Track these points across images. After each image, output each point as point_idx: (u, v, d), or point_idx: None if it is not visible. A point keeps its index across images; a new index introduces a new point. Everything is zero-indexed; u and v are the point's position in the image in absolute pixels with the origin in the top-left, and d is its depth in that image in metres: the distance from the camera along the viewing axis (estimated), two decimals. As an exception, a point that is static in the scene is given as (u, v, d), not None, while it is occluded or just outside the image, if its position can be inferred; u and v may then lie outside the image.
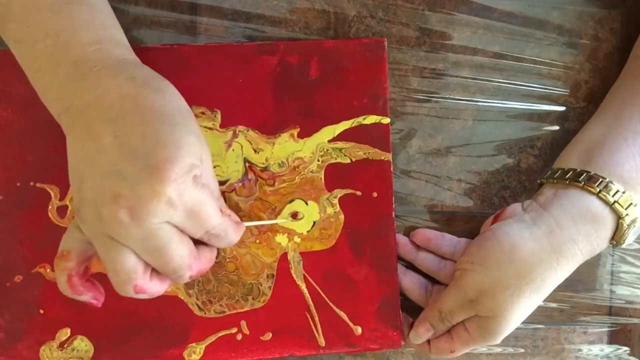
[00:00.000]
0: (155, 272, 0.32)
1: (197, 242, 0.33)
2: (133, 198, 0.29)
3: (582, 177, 0.39)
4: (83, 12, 0.33)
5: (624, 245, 0.40)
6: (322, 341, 0.42)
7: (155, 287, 0.32)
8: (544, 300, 0.39)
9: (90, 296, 0.34)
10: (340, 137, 0.42)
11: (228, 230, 0.34)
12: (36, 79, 0.33)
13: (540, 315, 0.46)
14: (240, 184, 0.42)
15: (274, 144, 0.42)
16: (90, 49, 0.32)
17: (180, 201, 0.30)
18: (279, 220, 0.42)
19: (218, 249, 0.37)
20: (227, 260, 0.42)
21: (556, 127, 0.46)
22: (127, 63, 0.33)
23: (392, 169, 0.43)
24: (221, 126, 0.41)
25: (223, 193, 0.41)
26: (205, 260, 0.34)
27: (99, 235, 0.30)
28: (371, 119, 0.42)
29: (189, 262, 0.32)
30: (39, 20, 0.32)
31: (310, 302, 0.42)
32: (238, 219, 0.36)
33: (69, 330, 0.41)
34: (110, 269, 0.31)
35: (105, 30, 0.34)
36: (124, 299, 0.32)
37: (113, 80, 0.31)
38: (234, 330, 0.42)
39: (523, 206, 0.41)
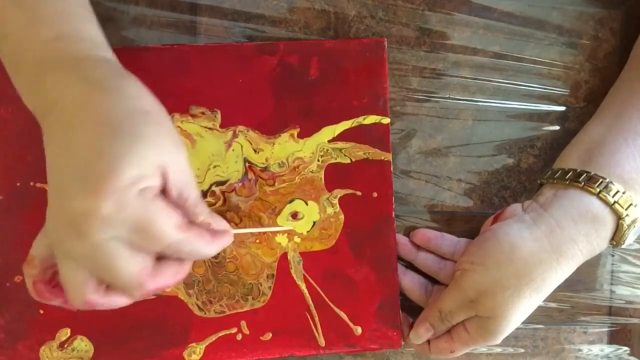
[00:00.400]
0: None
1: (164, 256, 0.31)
2: (72, 213, 0.27)
3: (582, 177, 0.39)
4: (48, 5, 0.32)
5: (624, 246, 0.39)
6: (322, 341, 0.42)
7: (113, 301, 0.30)
8: (544, 300, 0.39)
9: (60, 301, 0.32)
10: (340, 137, 0.42)
11: (195, 244, 0.30)
12: (10, 75, 0.33)
13: (540, 315, 0.46)
14: (240, 184, 0.42)
15: (274, 144, 0.42)
16: (50, 46, 0.31)
17: (120, 216, 0.27)
18: (272, 229, 0.41)
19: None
20: (227, 260, 0.42)
21: (556, 127, 0.46)
22: (85, 61, 0.31)
23: (392, 169, 0.43)
24: (221, 126, 0.41)
25: (223, 193, 0.41)
26: (167, 276, 0.30)
27: (55, 243, 0.30)
28: (371, 119, 0.42)
29: (140, 280, 0.29)
30: (3, 16, 0.31)
31: (310, 302, 0.42)
32: (223, 227, 0.33)
33: (69, 330, 0.41)
34: (63, 282, 0.30)
35: (69, 23, 0.32)
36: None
37: (66, 82, 0.30)
38: (234, 330, 0.42)
39: (523, 206, 0.41)
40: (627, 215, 0.38)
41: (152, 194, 0.29)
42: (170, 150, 0.29)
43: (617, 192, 0.38)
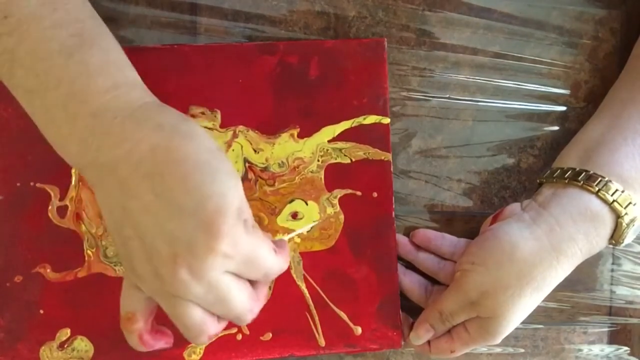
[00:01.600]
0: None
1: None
2: (190, 256, 0.28)
3: (582, 176, 0.39)
4: (95, 55, 0.31)
5: (623, 245, 0.39)
6: (322, 341, 0.42)
7: (222, 327, 0.32)
8: (544, 300, 0.39)
9: (162, 343, 0.33)
10: (340, 137, 0.42)
11: (282, 265, 0.32)
12: (50, 131, 0.31)
13: (540, 315, 0.46)
14: (240, 184, 0.42)
15: (274, 144, 0.42)
16: (108, 97, 0.30)
17: (236, 251, 0.29)
18: (308, 226, 0.42)
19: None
20: (227, 260, 0.42)
21: (556, 127, 0.46)
22: (149, 108, 0.31)
23: (392, 169, 0.43)
24: (221, 126, 0.41)
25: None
26: (263, 298, 0.33)
27: (160, 292, 0.30)
28: (371, 119, 0.42)
29: (250, 307, 0.31)
30: (49, 67, 0.30)
31: (310, 302, 0.42)
32: (271, 236, 0.34)
33: (69, 330, 0.41)
34: (180, 325, 0.30)
35: (119, 72, 0.31)
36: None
37: (140, 132, 0.29)
38: (234, 330, 0.42)
39: (522, 206, 0.41)
40: (626, 213, 0.38)
41: (251, 224, 0.30)
42: (238, 178, 0.30)
43: (616, 190, 0.38)
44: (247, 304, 0.31)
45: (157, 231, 0.28)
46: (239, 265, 0.29)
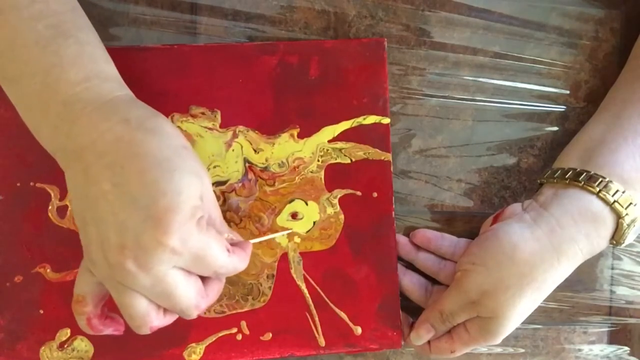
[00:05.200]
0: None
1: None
2: (137, 248, 0.29)
3: (582, 176, 0.39)
4: (70, 47, 0.32)
5: (624, 245, 0.40)
6: (322, 341, 0.42)
7: (168, 321, 0.32)
8: (544, 300, 0.39)
9: (111, 330, 0.34)
10: (340, 137, 0.42)
11: (236, 265, 0.33)
12: (27, 117, 0.33)
13: (540, 315, 0.46)
14: (240, 184, 0.42)
15: (274, 144, 0.42)
16: (79, 88, 0.31)
17: (185, 248, 0.29)
18: (282, 233, 0.42)
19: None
20: (227, 260, 0.42)
21: (556, 127, 0.46)
22: (118, 102, 0.32)
23: (392, 169, 0.43)
24: (221, 126, 0.41)
25: (223, 193, 0.41)
26: (213, 295, 0.33)
27: (109, 279, 0.30)
28: (371, 119, 0.42)
29: (196, 303, 0.31)
30: (26, 56, 0.31)
31: (310, 302, 0.42)
32: (240, 238, 0.35)
33: (69, 331, 0.41)
34: (125, 313, 0.31)
35: (94, 64, 0.33)
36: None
37: (106, 123, 0.30)
38: (234, 330, 0.42)
39: (523, 206, 0.41)
40: (627, 214, 0.38)
41: (205, 222, 0.31)
42: (203, 177, 0.31)
43: (617, 191, 0.38)
44: (193, 299, 0.31)
45: (110, 220, 0.29)
46: (188, 262, 0.30)
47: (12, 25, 0.32)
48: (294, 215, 0.42)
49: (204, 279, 0.33)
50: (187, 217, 0.29)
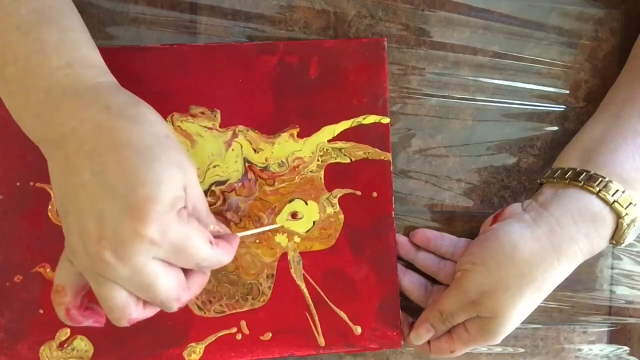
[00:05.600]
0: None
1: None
2: (116, 239, 0.28)
3: (582, 176, 0.39)
4: (53, 33, 0.31)
5: (624, 245, 0.40)
6: (322, 341, 0.42)
7: (148, 314, 0.32)
8: (544, 300, 0.39)
9: (91, 322, 0.34)
10: (340, 137, 0.42)
11: (220, 258, 0.32)
12: (10, 104, 0.32)
13: (540, 315, 0.46)
14: (240, 184, 0.42)
15: (274, 144, 0.42)
16: (61, 74, 0.31)
17: (164, 239, 0.29)
18: (272, 227, 0.41)
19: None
20: (227, 260, 0.42)
21: (556, 127, 0.46)
22: (100, 89, 0.31)
23: (392, 169, 0.43)
24: (221, 126, 0.41)
25: (223, 193, 0.41)
26: (196, 288, 0.33)
27: (89, 270, 0.30)
28: (371, 119, 0.42)
29: (177, 295, 0.31)
30: (8, 42, 0.31)
31: (310, 302, 0.42)
32: (228, 231, 0.35)
33: (69, 331, 0.41)
34: (104, 305, 0.30)
35: (76, 51, 0.32)
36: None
37: (87, 111, 0.30)
38: (234, 330, 0.42)
39: (523, 206, 0.41)
40: (627, 214, 0.38)
41: (186, 214, 0.30)
42: (187, 169, 0.31)
43: (617, 191, 0.38)
44: (173, 292, 0.30)
45: (89, 210, 0.29)
46: (168, 254, 0.30)
47: None
48: (294, 215, 0.42)
49: (187, 271, 0.32)
50: (166, 207, 0.29)
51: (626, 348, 0.48)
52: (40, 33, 0.31)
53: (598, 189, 0.38)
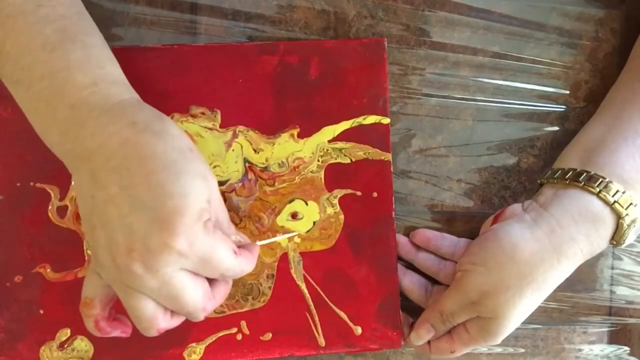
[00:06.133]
0: None
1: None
2: (145, 251, 0.29)
3: (582, 177, 0.39)
4: (77, 51, 0.32)
5: (624, 245, 0.40)
6: (322, 341, 0.42)
7: (175, 323, 0.32)
8: (544, 300, 0.39)
9: (118, 332, 0.34)
10: (340, 137, 0.42)
11: (243, 267, 0.33)
12: (35, 120, 0.33)
13: (540, 315, 0.46)
14: (240, 184, 0.42)
15: (274, 144, 0.42)
16: (86, 92, 0.31)
17: (192, 251, 0.29)
18: (289, 235, 0.42)
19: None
20: (227, 260, 0.42)
21: (556, 127, 0.46)
22: (125, 105, 0.32)
23: (392, 169, 0.43)
24: (221, 126, 0.41)
25: (223, 193, 0.41)
26: (220, 297, 0.33)
27: (117, 282, 0.30)
28: (371, 119, 0.42)
29: (204, 305, 0.31)
30: (33, 61, 0.32)
31: (310, 302, 0.42)
32: (248, 240, 0.35)
33: (69, 330, 0.41)
34: (133, 316, 0.31)
35: (100, 68, 0.33)
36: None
37: (113, 127, 0.30)
38: (234, 330, 0.42)
39: (523, 206, 0.41)
40: (627, 214, 0.38)
41: (212, 225, 0.31)
42: (209, 180, 0.31)
43: (617, 191, 0.38)
44: (200, 302, 0.31)
45: (118, 223, 0.29)
46: (195, 264, 0.30)
47: (19, 29, 0.32)
48: (294, 215, 0.42)
49: (210, 281, 0.32)
50: (193, 219, 0.29)
51: (626, 348, 0.48)
52: (64, 51, 0.32)
53: (598, 189, 0.38)
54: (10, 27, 0.32)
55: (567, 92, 0.46)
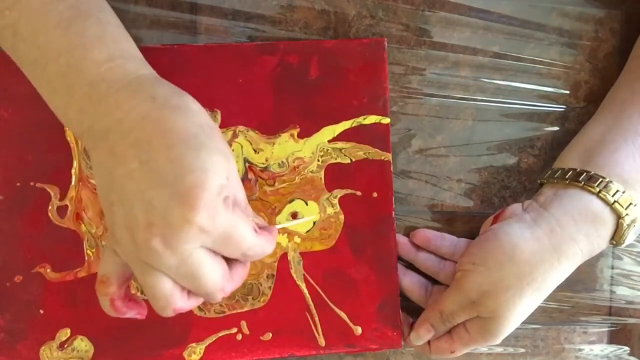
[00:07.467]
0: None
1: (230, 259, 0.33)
2: (165, 226, 0.28)
3: (582, 177, 0.39)
4: (92, 27, 0.32)
5: (624, 245, 0.40)
6: (322, 341, 0.42)
7: (192, 304, 0.32)
8: (544, 300, 0.39)
9: (134, 313, 0.34)
10: (340, 137, 0.42)
11: (264, 246, 0.32)
12: (52, 100, 0.33)
13: (540, 315, 0.46)
14: (240, 184, 0.42)
15: (274, 144, 0.42)
16: (104, 68, 0.31)
17: (212, 226, 0.29)
18: (306, 219, 0.41)
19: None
20: (227, 260, 0.42)
21: (556, 127, 0.46)
22: (143, 80, 0.32)
23: (392, 168, 0.43)
24: (221, 126, 0.41)
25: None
26: (238, 279, 0.33)
27: (134, 259, 0.30)
28: (371, 119, 0.42)
29: (222, 285, 0.31)
30: (48, 40, 0.31)
31: (310, 302, 0.42)
32: (265, 223, 0.35)
33: (69, 330, 0.41)
34: (149, 294, 0.30)
35: (116, 44, 0.33)
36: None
37: (132, 101, 0.30)
38: (234, 330, 0.42)
39: (523, 206, 0.41)
40: (627, 214, 0.38)
41: (232, 201, 0.30)
42: (229, 158, 0.31)
43: (617, 191, 0.38)
44: (219, 282, 0.30)
45: (137, 198, 0.29)
46: (215, 241, 0.30)
47: (33, 8, 0.32)
48: (294, 215, 0.42)
49: (229, 262, 0.32)
50: (214, 194, 0.29)
51: (626, 348, 0.48)
52: (79, 27, 0.32)
53: (598, 189, 0.38)
54: (23, 7, 0.32)
55: (567, 92, 0.46)
